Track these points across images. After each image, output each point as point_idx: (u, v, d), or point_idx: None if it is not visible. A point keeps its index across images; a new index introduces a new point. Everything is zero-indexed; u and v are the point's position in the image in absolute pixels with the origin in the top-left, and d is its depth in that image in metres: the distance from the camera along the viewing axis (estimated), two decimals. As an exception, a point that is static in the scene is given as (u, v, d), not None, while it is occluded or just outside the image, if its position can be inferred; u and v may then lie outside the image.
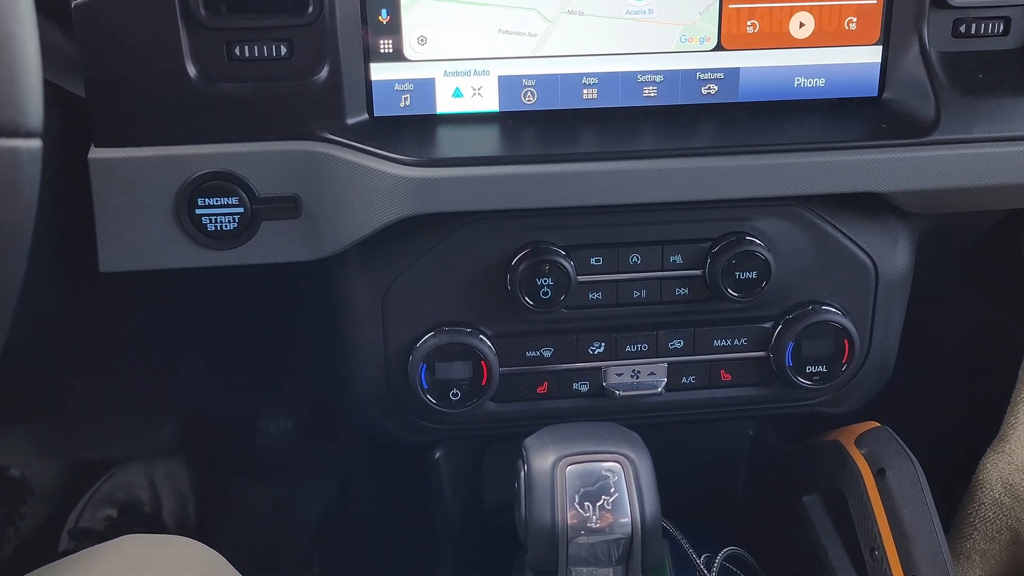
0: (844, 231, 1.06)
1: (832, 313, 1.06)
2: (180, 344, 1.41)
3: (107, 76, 0.92)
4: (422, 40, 1.00)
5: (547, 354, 1.07)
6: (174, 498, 1.60)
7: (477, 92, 1.02)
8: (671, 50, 1.03)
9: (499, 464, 1.26)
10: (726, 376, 1.10)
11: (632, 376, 1.09)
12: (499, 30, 1.00)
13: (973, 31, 1.03)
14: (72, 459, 1.62)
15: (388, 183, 0.95)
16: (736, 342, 1.09)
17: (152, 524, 1.56)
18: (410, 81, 1.01)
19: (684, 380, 1.10)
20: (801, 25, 1.03)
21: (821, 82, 1.05)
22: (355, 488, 1.63)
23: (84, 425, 1.60)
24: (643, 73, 1.03)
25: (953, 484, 1.22)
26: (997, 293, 1.33)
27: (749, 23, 1.03)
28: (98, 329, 1.35)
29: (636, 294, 1.05)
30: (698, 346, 1.09)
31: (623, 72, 1.03)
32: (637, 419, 1.09)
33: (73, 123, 0.94)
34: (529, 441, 0.99)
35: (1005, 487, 1.19)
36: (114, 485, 1.60)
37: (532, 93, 1.03)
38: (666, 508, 0.97)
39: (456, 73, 1.01)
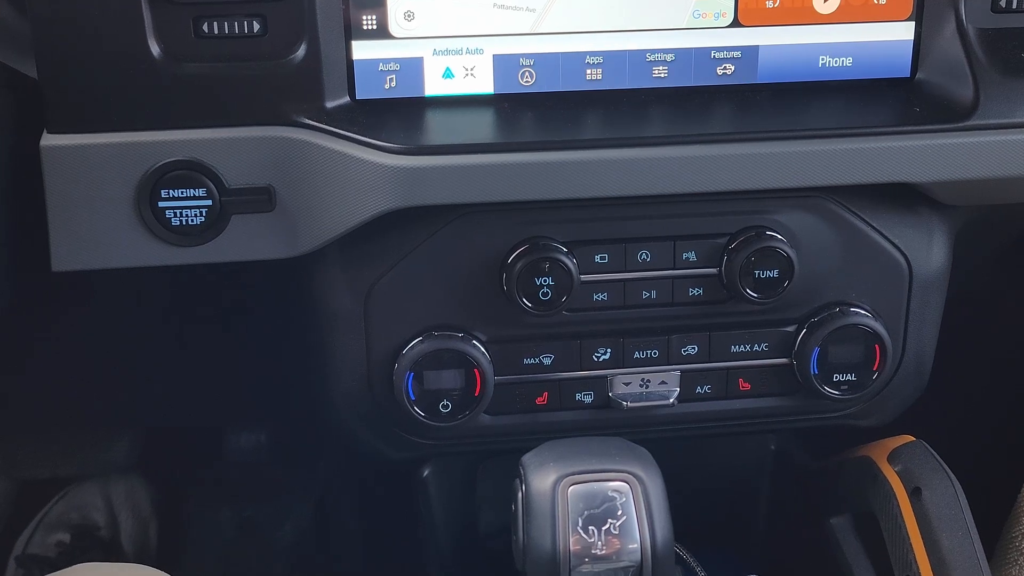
0: (874, 225, 1.07)
1: (861, 316, 1.08)
2: (141, 350, 1.41)
3: (61, 55, 0.93)
4: (409, 15, 1.01)
5: (547, 361, 1.08)
6: (133, 521, 1.61)
7: (470, 72, 1.03)
8: (683, 26, 1.04)
9: (494, 483, 1.27)
10: (745, 385, 1.11)
11: (641, 385, 1.10)
12: (494, 4, 1.01)
13: (1015, 6, 1.04)
14: (20, 478, 1.63)
15: (371, 173, 0.96)
16: (756, 348, 1.10)
17: (109, 550, 1.57)
18: (396, 60, 1.02)
19: (698, 390, 1.11)
20: (827, -2, 1.05)
21: (848, 61, 1.07)
22: (334, 510, 1.64)
23: (33, 440, 1.60)
24: (652, 52, 1.04)
25: (996, 505, 1.23)
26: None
27: (769, -4, 1.04)
28: (49, 333, 1.36)
29: (645, 295, 1.06)
30: (714, 352, 1.10)
31: (630, 51, 1.04)
32: (647, 433, 1.10)
33: (25, 107, 0.95)
34: (527, 458, 1.00)
35: (1053, 508, 1.20)
36: (67, 506, 1.60)
37: (530, 74, 1.04)
38: (679, 532, 0.98)
39: (447, 51, 1.02)
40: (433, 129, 1.00)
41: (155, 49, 0.94)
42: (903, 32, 1.06)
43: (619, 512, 0.94)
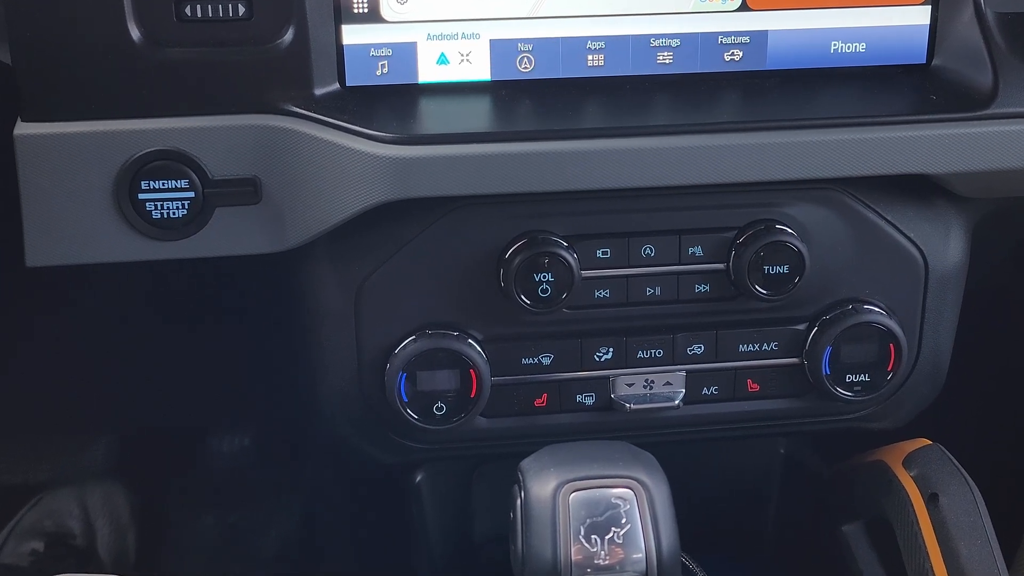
0: (888, 219, 1.07)
1: (875, 313, 1.08)
2: (119, 349, 1.41)
3: (37, 39, 0.93)
4: (401, -2, 1.01)
5: (546, 361, 1.08)
6: (111, 529, 1.60)
7: (465, 58, 1.03)
8: (689, 10, 1.04)
9: (491, 490, 1.27)
10: (753, 386, 1.11)
11: (645, 387, 1.10)
12: (491, -14, 1.02)
13: (1037, -11, 1.04)
14: (-9, 483, 1.63)
15: (362, 163, 0.96)
16: (765, 347, 1.10)
17: (86, 559, 1.57)
18: (388, 45, 1.02)
19: (705, 391, 1.11)
20: (839, -19, 1.05)
21: (861, 47, 1.07)
22: (322, 517, 1.64)
23: (4, 444, 1.60)
24: (657, 36, 1.04)
25: (1016, 511, 1.24)
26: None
27: (780, -22, 1.04)
28: (21, 330, 1.36)
29: (649, 291, 1.06)
30: (721, 352, 1.10)
31: (633, 35, 1.04)
32: (651, 437, 1.11)
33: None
34: (526, 463, 1.00)
35: (1075, 514, 1.20)
36: (41, 513, 1.60)
37: (529, 59, 1.04)
38: (686, 541, 0.98)
39: (441, 36, 1.02)
40: (427, 117, 1.00)
41: (135, 33, 0.94)
42: (919, 16, 1.06)
43: (623, 520, 0.95)
